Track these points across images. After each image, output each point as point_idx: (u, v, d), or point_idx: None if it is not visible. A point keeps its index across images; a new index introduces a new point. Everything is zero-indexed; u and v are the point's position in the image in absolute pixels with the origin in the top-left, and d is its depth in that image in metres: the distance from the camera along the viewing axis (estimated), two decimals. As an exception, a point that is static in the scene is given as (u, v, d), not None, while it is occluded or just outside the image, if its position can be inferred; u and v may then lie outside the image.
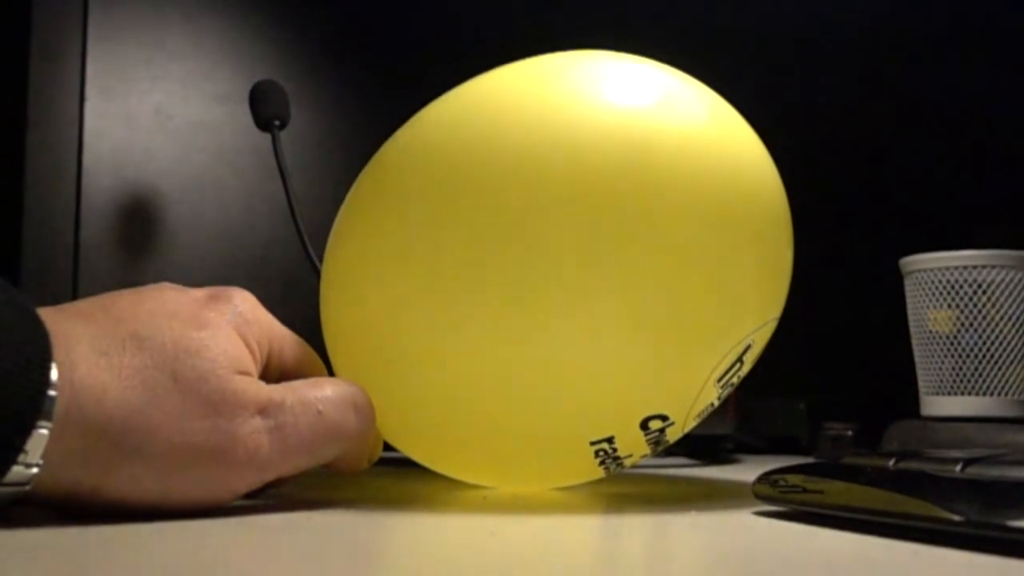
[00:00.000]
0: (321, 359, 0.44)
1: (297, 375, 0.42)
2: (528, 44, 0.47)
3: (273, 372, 0.41)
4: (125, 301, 0.37)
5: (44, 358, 0.32)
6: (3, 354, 0.31)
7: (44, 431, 0.32)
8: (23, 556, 0.30)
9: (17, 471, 0.32)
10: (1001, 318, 0.62)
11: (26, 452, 0.32)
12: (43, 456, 0.32)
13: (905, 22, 0.88)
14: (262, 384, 0.38)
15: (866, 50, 0.89)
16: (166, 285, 0.39)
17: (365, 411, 0.41)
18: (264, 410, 0.37)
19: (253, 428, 0.37)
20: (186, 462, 0.35)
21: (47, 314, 0.34)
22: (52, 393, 0.32)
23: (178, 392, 0.35)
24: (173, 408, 0.35)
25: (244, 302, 0.40)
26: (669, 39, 0.55)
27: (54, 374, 0.32)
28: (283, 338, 0.41)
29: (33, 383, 0.32)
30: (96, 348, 0.34)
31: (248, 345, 0.39)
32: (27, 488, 0.33)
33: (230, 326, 0.38)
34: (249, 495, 0.38)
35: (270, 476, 0.38)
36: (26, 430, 0.32)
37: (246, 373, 0.38)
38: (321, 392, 0.39)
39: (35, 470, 0.32)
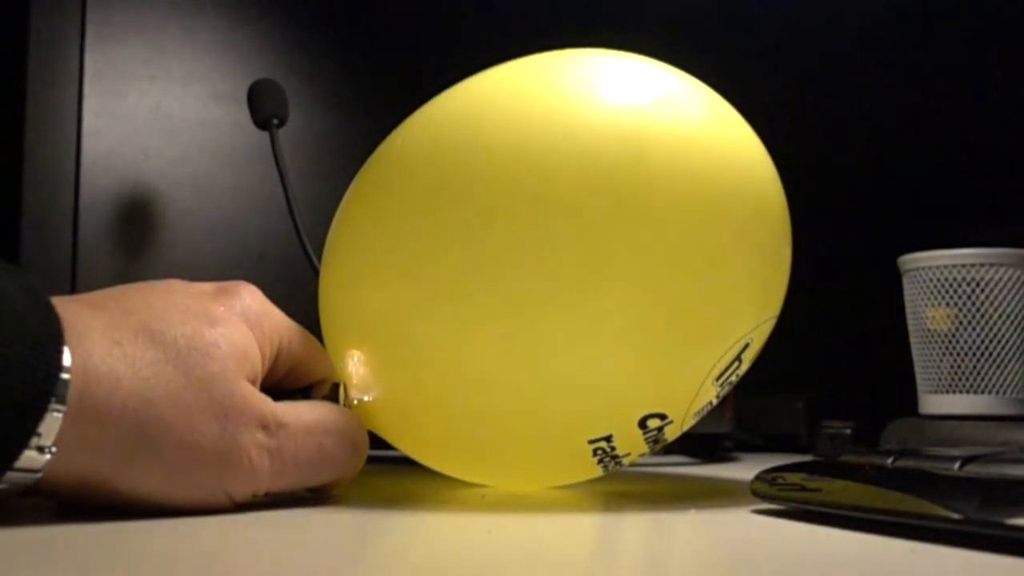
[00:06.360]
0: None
1: (306, 366, 0.43)
2: (526, 43, 0.46)
3: (283, 365, 0.41)
4: (135, 293, 0.37)
5: (56, 342, 0.32)
6: (16, 336, 0.31)
7: (58, 415, 0.32)
8: (26, 552, 0.30)
9: (30, 456, 0.32)
10: (999, 316, 0.62)
11: (39, 435, 0.32)
12: (56, 442, 0.32)
13: (905, 21, 0.88)
14: (269, 399, 0.38)
15: (866, 49, 0.89)
16: (173, 280, 0.39)
17: (361, 448, 0.42)
18: (267, 426, 0.37)
19: (256, 441, 0.37)
20: (194, 461, 0.35)
21: (59, 302, 0.34)
22: (65, 377, 0.32)
23: (190, 390, 0.35)
24: (185, 406, 0.35)
25: (252, 296, 0.40)
26: (669, 38, 0.55)
27: (67, 359, 0.32)
28: (291, 330, 0.42)
29: (46, 366, 0.32)
30: (109, 337, 0.34)
31: (259, 340, 0.39)
32: (38, 476, 0.32)
33: (240, 320, 0.38)
34: None
35: (261, 491, 0.38)
36: (39, 412, 0.31)
37: (253, 378, 0.38)
38: (325, 422, 0.40)
39: (48, 456, 0.32)
